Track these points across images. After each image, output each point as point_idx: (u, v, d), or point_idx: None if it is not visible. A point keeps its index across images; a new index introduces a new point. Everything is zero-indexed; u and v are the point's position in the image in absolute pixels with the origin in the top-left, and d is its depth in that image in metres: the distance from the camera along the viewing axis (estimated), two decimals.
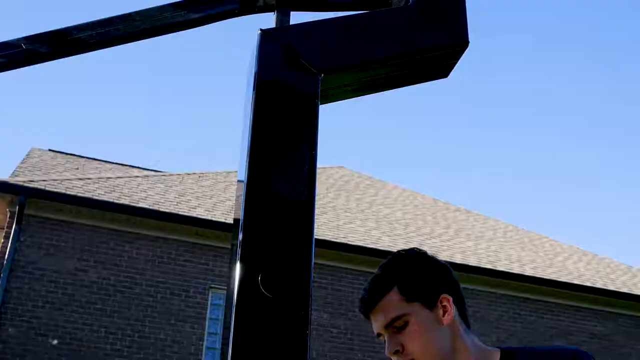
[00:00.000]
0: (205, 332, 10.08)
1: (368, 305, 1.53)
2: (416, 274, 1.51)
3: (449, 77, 1.36)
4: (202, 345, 9.96)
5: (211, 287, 10.33)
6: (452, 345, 1.47)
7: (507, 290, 11.95)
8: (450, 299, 1.50)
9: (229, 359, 1.03)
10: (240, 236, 1.08)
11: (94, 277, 9.80)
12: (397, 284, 1.50)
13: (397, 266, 1.53)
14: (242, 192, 1.13)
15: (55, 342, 9.30)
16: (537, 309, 12.11)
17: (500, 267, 12.19)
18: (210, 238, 10.56)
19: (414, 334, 1.45)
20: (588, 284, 12.65)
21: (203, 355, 9.93)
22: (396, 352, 1.46)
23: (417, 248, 1.57)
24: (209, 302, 10.28)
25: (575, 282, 12.53)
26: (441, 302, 1.49)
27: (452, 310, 1.49)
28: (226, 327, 1.12)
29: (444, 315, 1.48)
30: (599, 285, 12.76)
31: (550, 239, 16.00)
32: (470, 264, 11.60)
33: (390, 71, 1.32)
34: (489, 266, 11.94)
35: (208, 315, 10.20)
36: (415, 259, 1.54)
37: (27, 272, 9.56)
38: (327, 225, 11.83)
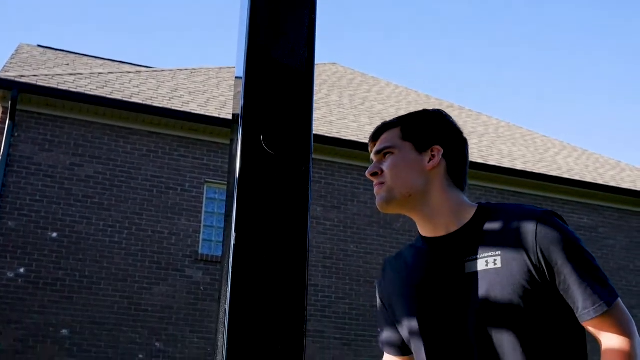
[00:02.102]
0: (202, 225, 10.30)
1: (374, 133, 1.71)
2: (421, 121, 1.69)
3: None
4: (198, 237, 10.20)
5: (206, 182, 10.47)
6: (425, 189, 1.61)
7: (498, 184, 12.16)
8: (441, 152, 1.64)
9: (233, 217, 1.10)
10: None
11: (89, 171, 9.90)
12: (401, 124, 1.69)
13: (412, 113, 1.72)
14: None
15: (54, 235, 9.50)
16: (526, 202, 12.36)
17: (492, 162, 12.35)
18: (204, 133, 10.62)
19: (393, 164, 1.63)
20: (577, 178, 12.87)
21: (200, 247, 10.19)
22: (374, 175, 1.65)
23: (440, 110, 1.73)
24: (205, 196, 10.45)
25: (565, 176, 12.74)
26: (432, 150, 1.64)
27: (438, 161, 1.63)
28: (229, 186, 1.18)
29: (429, 162, 1.63)
30: (587, 179, 12.98)
31: (541, 134, 16.12)
32: None
33: None
34: (480, 161, 12.09)
35: (204, 209, 10.39)
36: (429, 112, 1.72)
37: (23, 167, 9.64)
38: (321, 120, 11.87)
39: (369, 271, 10.82)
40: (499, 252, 1.50)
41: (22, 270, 9.24)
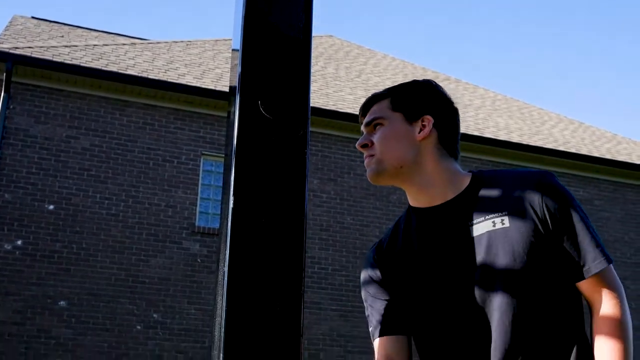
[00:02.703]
0: (198, 198, 10.32)
1: (364, 105, 1.70)
2: (411, 92, 1.67)
3: None
4: (195, 210, 10.22)
5: (203, 154, 10.47)
6: (416, 160, 1.60)
7: (494, 157, 12.17)
8: (432, 122, 1.63)
9: (231, 181, 1.11)
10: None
11: (85, 144, 9.88)
12: (391, 95, 1.67)
13: (402, 83, 1.71)
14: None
15: (51, 207, 9.51)
16: None
17: (488, 135, 12.35)
18: (200, 106, 10.59)
19: (383, 136, 1.62)
20: (573, 150, 12.89)
21: (197, 220, 10.22)
22: (364, 146, 1.64)
23: (430, 80, 1.71)
24: (201, 169, 10.45)
25: (561, 149, 12.76)
26: (422, 121, 1.63)
27: (429, 131, 1.62)
28: (227, 154, 1.19)
29: (419, 132, 1.62)
30: (583, 152, 13.00)
31: (538, 107, 16.11)
32: None
33: None
34: (476, 133, 12.10)
35: (200, 182, 10.40)
36: (419, 82, 1.70)
37: (19, 140, 9.62)
38: (317, 93, 11.84)
39: (366, 243, 10.87)
40: (505, 212, 1.51)
41: (19, 242, 9.27)
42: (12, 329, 8.96)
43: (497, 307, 1.49)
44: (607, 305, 1.48)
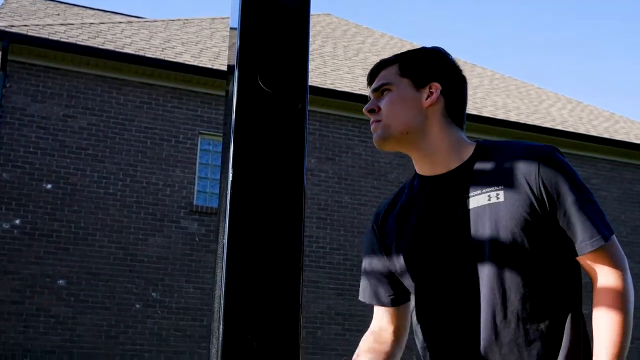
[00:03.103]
0: (196, 177, 10.32)
1: (372, 70, 1.69)
2: (420, 58, 1.67)
3: None
4: (193, 189, 10.23)
5: (200, 133, 10.45)
6: (422, 127, 1.60)
7: (492, 136, 12.16)
8: (439, 89, 1.63)
9: (230, 155, 1.11)
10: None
11: (82, 123, 9.86)
12: (399, 61, 1.66)
13: (411, 50, 1.70)
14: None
15: (49, 186, 9.51)
16: None
17: (486, 114, 12.35)
18: (198, 84, 10.56)
19: (390, 101, 1.62)
20: (571, 129, 12.89)
21: (194, 199, 10.23)
22: (371, 112, 1.63)
23: (439, 47, 1.71)
24: (199, 148, 10.44)
25: (559, 127, 12.77)
26: (430, 87, 1.62)
27: (436, 98, 1.62)
28: (226, 130, 1.19)
29: (426, 99, 1.61)
30: (581, 131, 13.00)
31: (535, 86, 16.08)
32: None
33: None
34: (474, 112, 12.09)
35: (198, 161, 10.39)
36: (428, 49, 1.70)
37: (16, 119, 9.59)
38: (315, 72, 11.80)
39: (363, 222, 10.90)
40: (501, 187, 1.52)
41: (17, 221, 9.28)
42: (11, 307, 9.00)
43: (486, 280, 1.49)
44: (608, 278, 1.47)
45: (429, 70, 1.64)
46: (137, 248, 9.70)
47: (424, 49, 1.70)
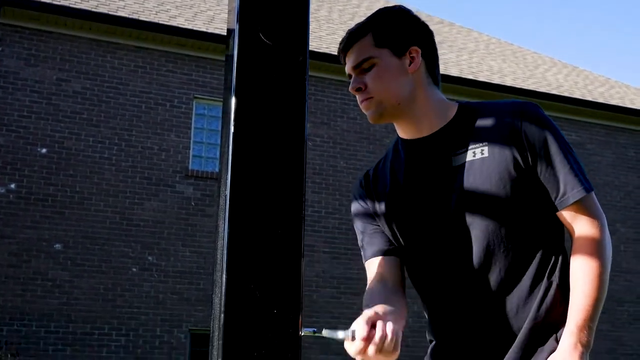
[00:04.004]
0: (191, 141, 10.31)
1: (344, 46, 1.66)
2: (391, 24, 1.63)
3: None
4: (188, 153, 10.22)
5: (195, 97, 10.41)
6: (412, 94, 1.60)
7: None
8: (420, 52, 1.62)
9: (232, 105, 1.12)
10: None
11: (77, 87, 9.80)
12: (372, 31, 1.62)
13: (376, 16, 1.65)
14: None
15: (44, 150, 9.49)
16: None
17: (481, 78, 12.31)
18: (192, 48, 10.48)
19: (376, 76, 1.59)
20: (566, 94, 12.87)
21: (190, 163, 10.23)
22: (358, 90, 1.61)
23: (400, 5, 1.67)
24: (194, 112, 10.41)
25: (554, 92, 12.75)
26: (410, 52, 1.61)
27: (419, 62, 1.61)
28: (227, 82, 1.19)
29: (409, 65, 1.60)
30: (576, 95, 12.99)
31: (531, 51, 16.01)
32: (451, 75, 11.71)
33: None
34: (470, 77, 12.06)
35: (193, 125, 10.37)
36: (394, 11, 1.66)
37: (10, 83, 9.53)
38: (310, 35, 11.71)
39: None
40: (485, 143, 1.54)
41: (12, 186, 9.28)
42: (9, 271, 9.04)
43: (474, 234, 1.53)
44: (586, 230, 1.50)
45: (405, 35, 1.61)
46: (133, 212, 9.72)
47: (389, 12, 1.66)
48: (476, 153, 1.54)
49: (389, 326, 1.28)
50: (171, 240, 9.82)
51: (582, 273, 1.48)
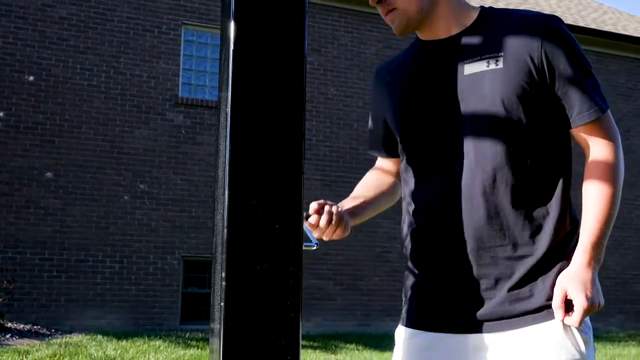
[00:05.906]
0: (180, 68, 10.20)
1: None
2: None
3: None
4: (177, 80, 10.13)
5: (184, 24, 10.24)
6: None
7: None
8: None
9: (230, 37, 1.11)
10: None
11: (63, 13, 9.61)
12: None
13: None
14: None
15: (31, 78, 9.38)
16: None
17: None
18: None
19: None
20: None
21: (179, 91, 10.15)
22: (379, 2, 1.58)
23: None
24: (182, 39, 10.26)
25: None
26: None
27: None
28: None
29: None
30: (569, 21, 12.86)
31: None
32: None
33: None
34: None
35: (182, 52, 10.23)
36: None
37: None
38: None
39: (349, 114, 10.92)
40: (501, 54, 1.51)
41: (1, 114, 9.20)
42: (1, 199, 9.07)
43: (480, 145, 1.50)
44: (601, 150, 1.51)
45: None
46: (123, 140, 9.70)
47: None
48: (490, 63, 1.51)
49: (335, 208, 1.64)
50: (162, 168, 9.83)
51: (595, 193, 1.49)
